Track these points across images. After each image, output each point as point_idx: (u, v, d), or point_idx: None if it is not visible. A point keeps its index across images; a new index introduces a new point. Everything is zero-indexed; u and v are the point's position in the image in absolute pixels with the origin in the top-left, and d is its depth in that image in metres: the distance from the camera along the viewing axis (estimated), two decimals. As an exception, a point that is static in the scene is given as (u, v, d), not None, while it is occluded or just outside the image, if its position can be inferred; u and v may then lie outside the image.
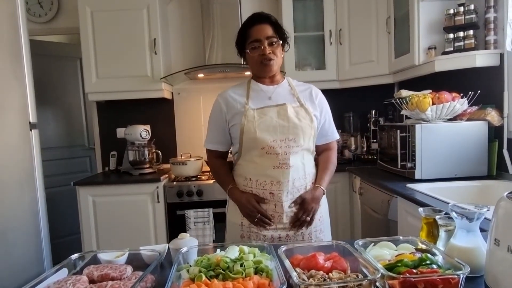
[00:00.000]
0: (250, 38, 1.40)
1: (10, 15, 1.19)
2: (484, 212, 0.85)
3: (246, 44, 1.42)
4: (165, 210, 2.54)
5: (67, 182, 3.05)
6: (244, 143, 1.40)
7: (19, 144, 1.15)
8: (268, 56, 1.39)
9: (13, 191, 1.12)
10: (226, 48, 2.82)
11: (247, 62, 1.48)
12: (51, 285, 0.85)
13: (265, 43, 1.38)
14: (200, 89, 3.12)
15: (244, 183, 1.43)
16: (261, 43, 1.38)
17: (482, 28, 1.99)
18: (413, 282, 0.75)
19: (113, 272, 0.91)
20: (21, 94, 1.19)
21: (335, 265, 0.88)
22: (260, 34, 1.38)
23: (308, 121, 1.40)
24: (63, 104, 3.51)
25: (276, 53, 1.41)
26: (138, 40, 2.70)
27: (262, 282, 0.80)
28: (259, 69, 1.44)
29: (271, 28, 1.40)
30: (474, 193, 1.80)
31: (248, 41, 1.41)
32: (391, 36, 2.47)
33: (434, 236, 1.02)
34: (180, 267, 0.90)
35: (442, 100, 1.91)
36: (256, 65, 1.43)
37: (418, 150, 1.91)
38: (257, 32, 1.39)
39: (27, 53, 1.24)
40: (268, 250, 0.96)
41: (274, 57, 1.40)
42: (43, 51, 3.29)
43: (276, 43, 1.40)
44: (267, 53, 1.38)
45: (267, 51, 1.38)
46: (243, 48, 1.45)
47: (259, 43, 1.39)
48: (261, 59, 1.40)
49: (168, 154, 3.02)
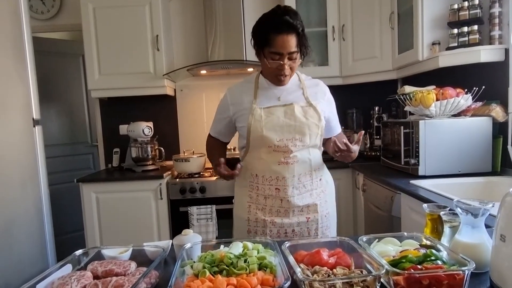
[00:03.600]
0: (272, 48, 1.30)
1: (13, 12, 1.18)
2: (489, 208, 0.85)
3: (265, 50, 1.33)
4: (168, 207, 2.55)
5: (70, 179, 3.06)
6: (251, 142, 1.41)
7: (22, 140, 1.16)
8: (285, 72, 1.34)
9: (17, 187, 1.13)
10: (228, 44, 2.81)
11: (261, 65, 1.42)
12: (55, 280, 0.85)
13: (285, 59, 1.31)
14: (202, 86, 3.12)
15: (250, 179, 1.44)
16: (282, 57, 1.31)
17: (487, 23, 1.97)
18: (418, 278, 0.74)
19: (117, 268, 0.91)
20: (24, 90, 1.19)
21: (339, 261, 0.88)
22: (283, 48, 1.29)
23: (315, 120, 1.39)
24: (66, 101, 3.51)
25: (294, 67, 1.36)
26: (141, 37, 2.70)
27: (266, 278, 0.80)
28: (272, 79, 1.41)
29: (295, 39, 1.30)
30: (478, 189, 1.79)
31: (268, 49, 1.32)
32: (395, 32, 2.46)
33: (438, 232, 1.01)
34: (184, 263, 0.90)
35: (446, 96, 1.90)
36: (270, 74, 1.40)
37: (422, 146, 1.90)
38: (281, 45, 1.29)
39: (30, 49, 1.24)
40: (272, 246, 0.96)
41: (289, 73, 1.37)
42: (46, 48, 3.29)
43: (295, 57, 1.34)
44: (285, 69, 1.33)
45: (285, 68, 1.33)
46: (260, 49, 1.36)
47: (280, 57, 1.31)
48: (277, 73, 1.35)
49: (171, 150, 3.02)
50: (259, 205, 1.42)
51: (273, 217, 1.40)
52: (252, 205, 1.43)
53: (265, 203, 1.41)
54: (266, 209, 1.41)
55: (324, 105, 1.46)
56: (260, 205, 1.42)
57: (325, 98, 1.48)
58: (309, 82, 1.49)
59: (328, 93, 1.51)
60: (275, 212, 1.40)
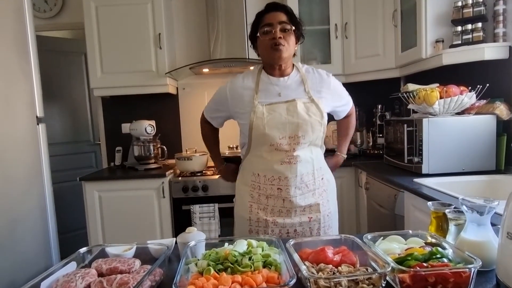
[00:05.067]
0: (262, 23, 1.38)
1: (17, 10, 1.18)
2: (496, 205, 0.84)
3: (259, 30, 1.39)
4: (171, 205, 2.55)
5: (72, 178, 3.07)
6: (253, 139, 1.39)
7: (26, 138, 1.15)
8: (279, 40, 1.34)
9: (22, 185, 1.13)
10: (230, 42, 2.80)
11: (258, 50, 1.44)
12: (60, 278, 0.85)
13: (277, 28, 1.35)
14: (204, 84, 3.11)
15: (252, 178, 1.43)
16: (273, 27, 1.35)
17: (491, 21, 1.96)
18: (424, 275, 0.74)
19: (122, 265, 0.91)
20: (28, 88, 1.19)
21: (344, 259, 0.87)
22: (273, 19, 1.36)
23: (318, 118, 1.37)
24: (68, 99, 3.51)
25: (288, 40, 1.36)
26: (143, 35, 2.69)
27: (271, 276, 0.80)
28: (269, 54, 1.38)
29: (285, 15, 1.37)
30: (482, 187, 1.79)
31: (261, 28, 1.38)
32: (398, 29, 2.45)
33: (443, 230, 1.01)
34: (189, 261, 0.89)
35: (450, 93, 1.89)
36: (266, 50, 1.38)
37: (425, 145, 1.89)
38: (270, 17, 1.37)
39: (34, 47, 1.24)
40: (276, 244, 0.96)
41: (285, 43, 1.35)
42: (48, 47, 3.29)
43: (288, 30, 1.36)
44: (278, 37, 1.34)
45: (277, 35, 1.34)
46: (255, 34, 1.42)
47: (271, 27, 1.35)
48: (272, 43, 1.35)
49: (173, 149, 3.02)
50: (260, 205, 1.41)
51: (275, 217, 1.39)
52: (254, 205, 1.42)
53: (267, 203, 1.40)
54: (268, 209, 1.40)
55: (328, 100, 1.44)
56: (262, 205, 1.41)
57: (330, 89, 1.45)
58: (311, 75, 1.45)
59: (333, 82, 1.47)
60: (277, 212, 1.39)
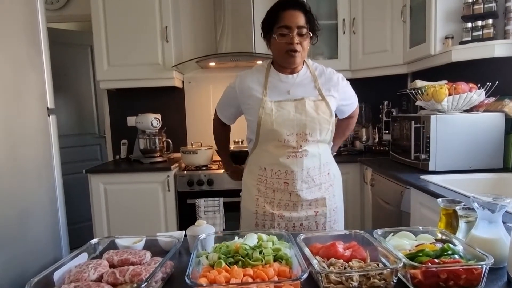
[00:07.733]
0: (280, 23, 1.33)
1: (28, 2, 1.18)
2: (507, 203, 0.84)
3: (274, 27, 1.35)
4: (176, 199, 2.56)
5: (77, 170, 3.08)
6: (261, 135, 1.40)
7: (38, 129, 1.16)
8: (295, 47, 1.33)
9: (33, 177, 1.13)
10: (237, 36, 2.79)
11: (270, 47, 1.42)
12: (72, 268, 0.86)
13: (294, 32, 1.32)
14: (210, 78, 3.11)
15: (259, 172, 1.43)
16: (291, 30, 1.32)
17: (502, 17, 1.94)
18: (436, 271, 0.74)
19: (133, 257, 0.92)
20: (39, 79, 1.19)
21: (354, 254, 0.87)
22: (291, 21, 1.31)
23: (327, 116, 1.38)
24: (74, 92, 3.51)
25: (304, 45, 1.35)
26: (150, 28, 2.69)
27: (283, 269, 0.80)
28: (283, 58, 1.38)
29: (303, 17, 1.33)
30: (489, 185, 1.78)
31: (276, 25, 1.34)
32: (406, 25, 2.43)
33: (453, 227, 1.01)
34: (199, 254, 0.90)
35: (459, 90, 1.88)
36: (280, 53, 1.37)
37: (433, 142, 1.89)
38: (289, 18, 1.32)
39: (45, 39, 1.24)
40: (286, 238, 0.96)
41: (300, 49, 1.35)
42: (54, 39, 3.25)
43: (305, 35, 1.34)
44: (294, 44, 1.32)
45: (295, 41, 1.32)
46: (269, 30, 1.38)
47: (289, 31, 1.32)
48: (287, 48, 1.34)
49: (179, 143, 3.02)
50: (267, 199, 1.42)
51: (281, 210, 1.40)
52: (260, 198, 1.43)
53: (274, 197, 1.41)
54: (274, 202, 1.41)
55: (336, 99, 1.45)
56: (268, 198, 1.42)
57: (338, 87, 1.46)
58: (321, 73, 1.46)
59: (341, 81, 1.48)
60: (283, 205, 1.40)
